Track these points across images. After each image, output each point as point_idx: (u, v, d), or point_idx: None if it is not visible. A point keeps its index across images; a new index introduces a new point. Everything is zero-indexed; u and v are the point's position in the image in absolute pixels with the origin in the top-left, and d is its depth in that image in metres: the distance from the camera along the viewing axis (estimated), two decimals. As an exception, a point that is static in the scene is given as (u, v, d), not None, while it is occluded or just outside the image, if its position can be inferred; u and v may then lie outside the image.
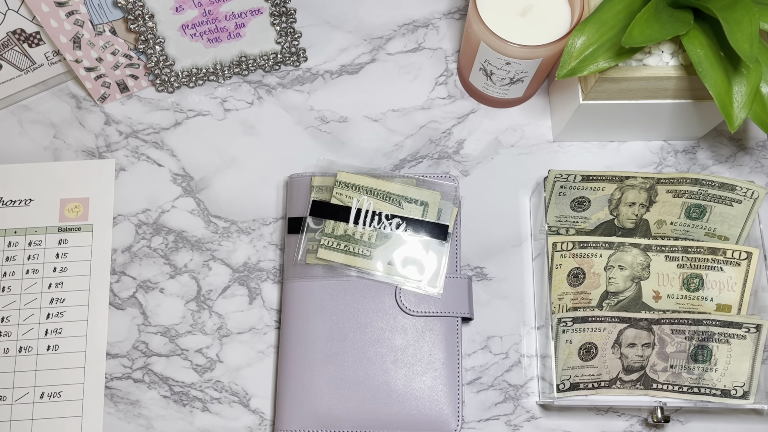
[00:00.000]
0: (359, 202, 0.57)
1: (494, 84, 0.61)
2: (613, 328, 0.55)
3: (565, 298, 0.58)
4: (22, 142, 0.65)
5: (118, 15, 0.58)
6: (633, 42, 0.47)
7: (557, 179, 0.57)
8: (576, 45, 0.51)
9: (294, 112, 0.66)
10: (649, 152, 0.65)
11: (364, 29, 0.69)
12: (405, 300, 0.56)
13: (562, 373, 0.55)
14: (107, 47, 0.60)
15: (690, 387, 0.56)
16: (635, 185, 0.57)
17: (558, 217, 0.59)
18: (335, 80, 0.67)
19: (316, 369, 0.55)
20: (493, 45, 0.55)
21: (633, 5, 0.51)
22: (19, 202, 0.61)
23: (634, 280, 0.58)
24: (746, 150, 0.65)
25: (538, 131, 0.66)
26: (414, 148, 0.65)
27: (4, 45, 0.59)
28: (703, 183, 0.57)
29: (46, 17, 0.56)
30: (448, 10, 0.69)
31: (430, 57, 0.68)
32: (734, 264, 0.57)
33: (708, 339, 0.55)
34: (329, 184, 0.58)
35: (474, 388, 0.58)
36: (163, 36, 0.60)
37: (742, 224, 0.59)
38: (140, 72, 0.64)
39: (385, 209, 0.57)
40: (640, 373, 0.56)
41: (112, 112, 0.66)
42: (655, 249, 0.58)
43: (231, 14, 0.61)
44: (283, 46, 0.65)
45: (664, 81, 0.54)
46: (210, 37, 0.62)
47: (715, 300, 0.58)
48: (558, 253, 0.57)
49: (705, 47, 0.50)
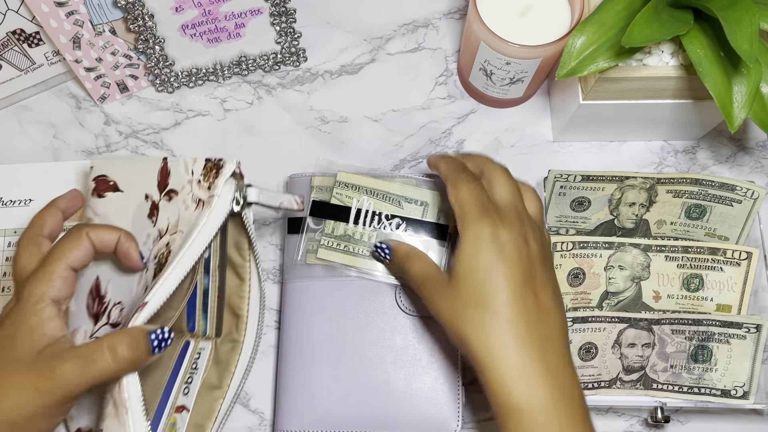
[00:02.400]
0: (359, 202, 0.57)
1: (494, 84, 0.61)
2: (613, 328, 0.55)
3: (565, 298, 0.58)
4: (22, 142, 0.65)
5: (117, 15, 0.58)
6: (633, 42, 0.47)
7: (557, 179, 0.57)
8: (576, 45, 0.51)
9: (294, 112, 0.66)
10: (649, 152, 0.65)
11: (364, 29, 0.68)
12: (405, 300, 0.56)
13: (562, 373, 0.55)
14: (107, 47, 0.60)
15: (690, 387, 0.56)
16: (635, 185, 0.57)
17: (558, 217, 0.59)
18: (335, 80, 0.67)
19: (316, 369, 0.55)
20: (493, 45, 0.55)
21: (633, 5, 0.51)
22: (19, 202, 0.61)
23: (634, 280, 0.58)
24: (746, 150, 0.65)
25: (538, 131, 0.66)
26: (414, 148, 0.65)
27: (4, 45, 0.59)
28: (703, 183, 0.57)
29: (45, 17, 0.56)
30: (448, 10, 0.69)
31: (430, 57, 0.68)
32: (734, 264, 0.57)
33: (708, 339, 0.55)
34: (329, 184, 0.58)
35: (474, 388, 0.58)
36: (162, 36, 0.60)
37: (742, 224, 0.59)
38: (140, 72, 0.64)
39: (385, 209, 0.57)
40: (640, 374, 0.56)
41: (111, 113, 0.66)
42: (655, 249, 0.58)
43: (231, 14, 0.61)
44: (283, 46, 0.65)
45: (664, 81, 0.54)
46: (210, 37, 0.62)
47: (715, 300, 0.58)
48: (558, 253, 0.57)
49: (705, 47, 0.50)
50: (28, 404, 0.37)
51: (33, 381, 0.38)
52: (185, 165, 0.46)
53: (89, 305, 0.46)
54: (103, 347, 0.38)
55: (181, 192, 0.46)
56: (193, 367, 0.53)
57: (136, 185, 0.48)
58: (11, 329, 0.40)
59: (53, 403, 0.38)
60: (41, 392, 0.37)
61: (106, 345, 0.38)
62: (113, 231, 0.44)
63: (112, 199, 0.48)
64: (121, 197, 0.48)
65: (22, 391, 0.37)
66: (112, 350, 0.38)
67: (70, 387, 0.37)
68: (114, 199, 0.48)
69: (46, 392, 0.37)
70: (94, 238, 0.43)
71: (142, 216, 0.47)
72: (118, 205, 0.48)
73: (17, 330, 0.39)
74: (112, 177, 0.49)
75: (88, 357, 0.38)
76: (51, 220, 0.45)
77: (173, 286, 0.41)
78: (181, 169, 0.46)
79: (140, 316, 0.40)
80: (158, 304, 0.41)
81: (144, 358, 0.39)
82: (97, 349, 0.38)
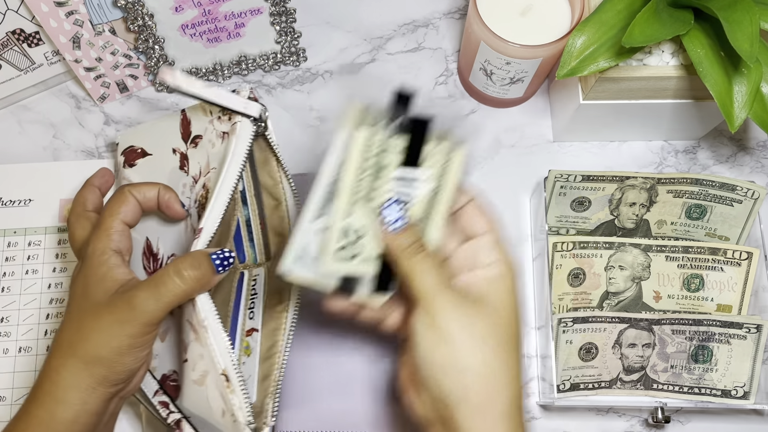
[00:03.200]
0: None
1: (494, 84, 0.61)
2: (613, 328, 0.55)
3: (566, 298, 0.58)
4: (22, 142, 0.64)
5: (117, 15, 0.58)
6: (633, 42, 0.47)
7: (557, 179, 0.57)
8: (576, 45, 0.51)
9: (294, 112, 0.66)
10: (649, 152, 0.65)
11: (363, 29, 0.68)
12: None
13: (563, 374, 0.55)
14: (107, 47, 0.60)
15: (690, 387, 0.56)
16: (636, 185, 0.57)
17: (558, 218, 0.59)
18: (335, 80, 0.67)
19: (316, 369, 0.55)
20: (493, 45, 0.55)
21: (633, 5, 0.51)
22: (18, 202, 0.61)
23: (635, 280, 0.58)
24: (747, 150, 0.65)
25: (539, 131, 0.65)
26: (414, 148, 0.65)
27: (4, 45, 0.59)
28: (703, 183, 0.57)
29: (45, 17, 0.56)
30: (448, 10, 0.69)
31: (430, 57, 0.68)
32: (735, 264, 0.57)
33: (708, 339, 0.55)
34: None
35: (474, 388, 0.58)
36: (162, 36, 0.60)
37: (742, 224, 0.59)
38: (140, 72, 0.64)
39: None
40: (641, 374, 0.56)
41: (111, 112, 0.66)
42: (656, 249, 0.57)
43: (230, 14, 0.61)
44: (283, 45, 0.65)
45: (664, 81, 0.54)
46: (210, 37, 0.62)
47: (715, 300, 0.58)
48: (558, 253, 0.57)
49: (705, 47, 0.50)
50: (114, 338, 0.40)
51: (114, 316, 0.41)
52: (203, 108, 0.48)
53: (145, 266, 0.49)
54: (169, 272, 0.41)
55: (205, 134, 0.48)
56: (253, 293, 0.55)
57: (163, 144, 0.50)
58: (83, 284, 0.43)
59: (136, 332, 0.40)
60: (123, 323, 0.40)
61: (172, 269, 0.41)
62: (152, 185, 0.47)
63: (143, 165, 0.51)
64: (151, 160, 0.51)
65: (106, 327, 0.40)
66: (178, 273, 0.41)
67: (148, 313, 0.40)
68: (145, 164, 0.51)
69: (127, 322, 0.40)
70: (137, 194, 0.46)
71: (174, 170, 0.49)
72: (152, 168, 0.50)
73: (89, 282, 0.43)
74: (139, 145, 0.51)
75: (158, 282, 0.41)
76: (91, 196, 0.48)
77: (221, 209, 0.44)
78: (200, 114, 0.48)
79: (199, 242, 0.43)
80: (213, 228, 0.43)
81: (209, 276, 0.42)
82: (165, 274, 0.41)
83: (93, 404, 0.41)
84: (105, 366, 0.41)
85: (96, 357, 0.40)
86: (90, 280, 0.43)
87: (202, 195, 0.47)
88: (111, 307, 0.41)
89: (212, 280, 0.42)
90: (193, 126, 0.48)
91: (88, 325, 0.41)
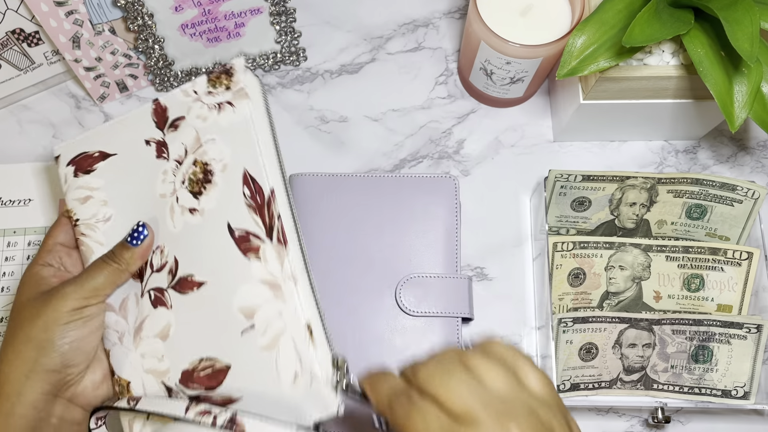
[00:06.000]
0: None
1: (494, 84, 0.61)
2: (613, 328, 0.55)
3: (566, 298, 0.58)
4: (22, 141, 0.64)
5: (117, 14, 0.58)
6: (633, 41, 0.47)
7: (558, 179, 0.57)
8: (576, 44, 0.51)
9: (294, 112, 0.66)
10: (649, 152, 0.65)
11: (363, 29, 0.68)
12: (405, 300, 0.56)
13: (563, 374, 0.55)
14: (106, 47, 0.60)
15: (691, 387, 0.56)
16: (636, 185, 0.57)
17: (558, 217, 0.59)
18: (335, 80, 0.67)
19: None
20: (493, 45, 0.55)
21: (633, 5, 0.51)
22: (18, 202, 0.61)
23: (635, 280, 0.58)
24: (747, 150, 0.65)
25: (539, 131, 0.65)
26: (414, 148, 0.65)
27: (4, 45, 0.59)
28: (703, 183, 0.57)
29: (45, 17, 0.56)
30: (448, 9, 0.69)
31: (430, 57, 0.68)
32: (735, 264, 0.57)
33: (709, 339, 0.55)
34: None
35: (474, 388, 0.58)
36: (162, 35, 0.60)
37: (742, 224, 0.59)
38: (139, 72, 0.64)
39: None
40: (641, 374, 0.56)
41: (111, 112, 0.66)
42: (656, 249, 0.57)
43: (230, 14, 0.60)
44: (283, 45, 0.65)
45: (664, 81, 0.54)
46: (209, 37, 0.62)
47: (715, 300, 0.58)
48: (558, 253, 0.57)
49: (706, 47, 0.50)
50: (41, 317, 0.43)
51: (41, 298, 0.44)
52: (182, 91, 0.48)
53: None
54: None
55: (189, 113, 0.48)
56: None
57: (130, 139, 0.50)
58: (18, 293, 0.46)
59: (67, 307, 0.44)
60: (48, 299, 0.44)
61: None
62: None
63: (106, 167, 0.50)
64: (117, 159, 0.50)
65: (36, 308, 0.44)
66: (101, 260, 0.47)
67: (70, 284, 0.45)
68: (109, 166, 0.50)
69: (52, 296, 0.44)
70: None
71: (149, 161, 0.49)
72: (119, 166, 0.50)
73: (20, 286, 0.46)
74: (94, 149, 0.50)
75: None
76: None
77: (274, 159, 0.46)
78: (179, 97, 0.49)
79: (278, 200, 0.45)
80: (280, 183, 0.46)
81: (120, 249, 0.46)
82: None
83: (29, 395, 0.41)
84: (34, 347, 0.42)
85: (26, 338, 0.42)
86: (21, 286, 0.46)
87: (193, 172, 0.47)
88: (40, 295, 0.44)
89: (127, 254, 0.46)
90: (171, 111, 0.49)
91: (19, 316, 0.44)
